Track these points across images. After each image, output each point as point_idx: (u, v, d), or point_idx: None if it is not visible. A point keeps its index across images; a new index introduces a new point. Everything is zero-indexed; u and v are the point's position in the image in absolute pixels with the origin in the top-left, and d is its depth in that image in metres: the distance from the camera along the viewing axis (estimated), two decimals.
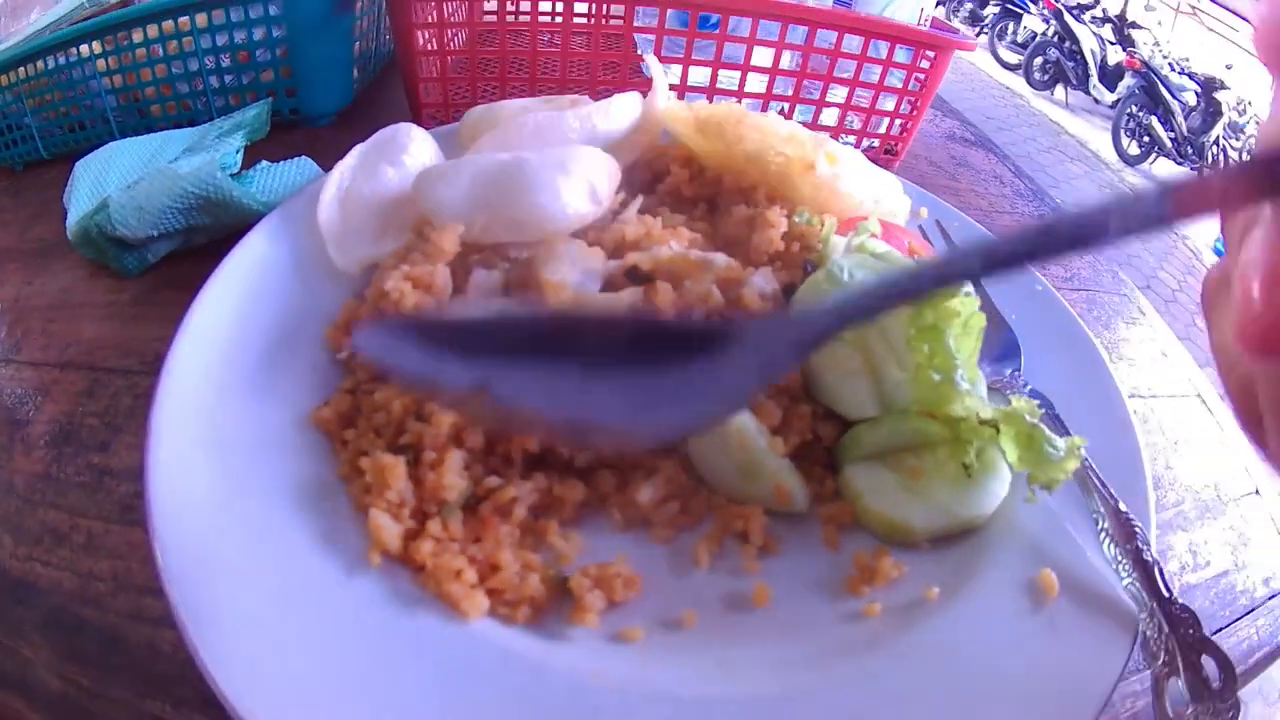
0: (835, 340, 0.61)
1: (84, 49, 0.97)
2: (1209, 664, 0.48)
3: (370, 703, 0.46)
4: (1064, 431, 0.64)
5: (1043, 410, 0.61)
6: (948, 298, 0.58)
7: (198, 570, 0.49)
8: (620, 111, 0.80)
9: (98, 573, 0.59)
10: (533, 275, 0.63)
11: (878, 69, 1.04)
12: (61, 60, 0.98)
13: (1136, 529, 0.56)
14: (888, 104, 1.08)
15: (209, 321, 0.63)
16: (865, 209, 0.77)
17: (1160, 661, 0.50)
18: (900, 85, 1.07)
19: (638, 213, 0.74)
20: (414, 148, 0.77)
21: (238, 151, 0.87)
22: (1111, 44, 7.19)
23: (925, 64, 1.04)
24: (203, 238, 0.85)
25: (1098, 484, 0.60)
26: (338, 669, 0.47)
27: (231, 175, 0.83)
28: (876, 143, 1.12)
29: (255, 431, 0.58)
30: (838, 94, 1.07)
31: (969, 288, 0.60)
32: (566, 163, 0.69)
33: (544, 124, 0.76)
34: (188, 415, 0.57)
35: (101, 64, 0.98)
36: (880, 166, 0.83)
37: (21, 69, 0.99)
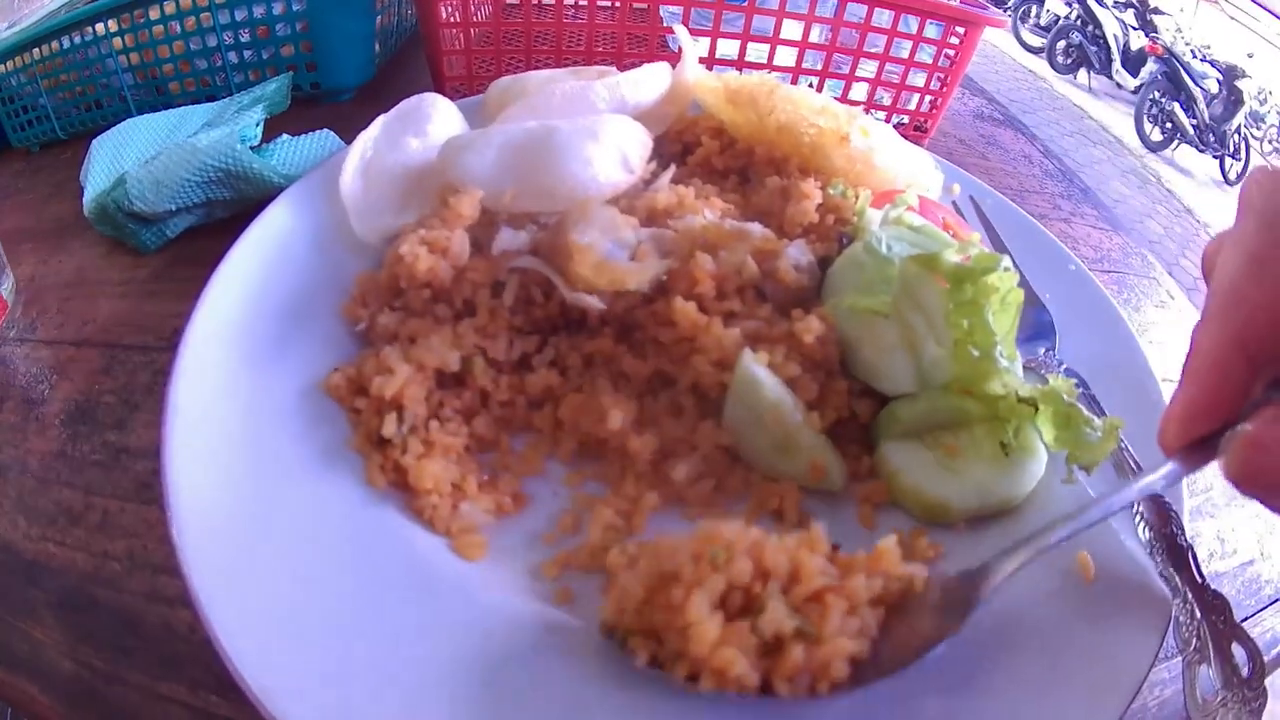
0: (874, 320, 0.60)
1: (99, 28, 0.96)
2: (1238, 652, 0.48)
3: (387, 683, 0.45)
4: (1099, 412, 0.62)
5: (1079, 390, 0.59)
6: (987, 273, 0.56)
7: (214, 549, 0.48)
8: (650, 81, 0.78)
9: (113, 552, 0.58)
10: (561, 237, 0.61)
11: (908, 44, 1.02)
12: (77, 39, 0.97)
13: (1172, 513, 0.54)
14: (918, 80, 1.07)
15: (227, 297, 0.62)
16: (899, 183, 0.75)
17: (1191, 648, 0.49)
18: (930, 61, 1.05)
19: (669, 183, 0.72)
20: (439, 118, 0.75)
21: (258, 125, 0.85)
22: (1134, 29, 7.10)
23: (955, 40, 1.02)
24: (222, 212, 0.83)
25: (1133, 466, 0.58)
26: (355, 647, 0.46)
27: (251, 148, 0.82)
28: (906, 119, 1.10)
29: (273, 407, 0.57)
30: (867, 69, 1.05)
31: (1007, 262, 0.58)
32: (598, 130, 0.67)
33: (572, 94, 0.75)
34: (204, 392, 0.56)
35: (118, 42, 0.97)
36: (911, 143, 0.82)
37: (36, 49, 0.98)
